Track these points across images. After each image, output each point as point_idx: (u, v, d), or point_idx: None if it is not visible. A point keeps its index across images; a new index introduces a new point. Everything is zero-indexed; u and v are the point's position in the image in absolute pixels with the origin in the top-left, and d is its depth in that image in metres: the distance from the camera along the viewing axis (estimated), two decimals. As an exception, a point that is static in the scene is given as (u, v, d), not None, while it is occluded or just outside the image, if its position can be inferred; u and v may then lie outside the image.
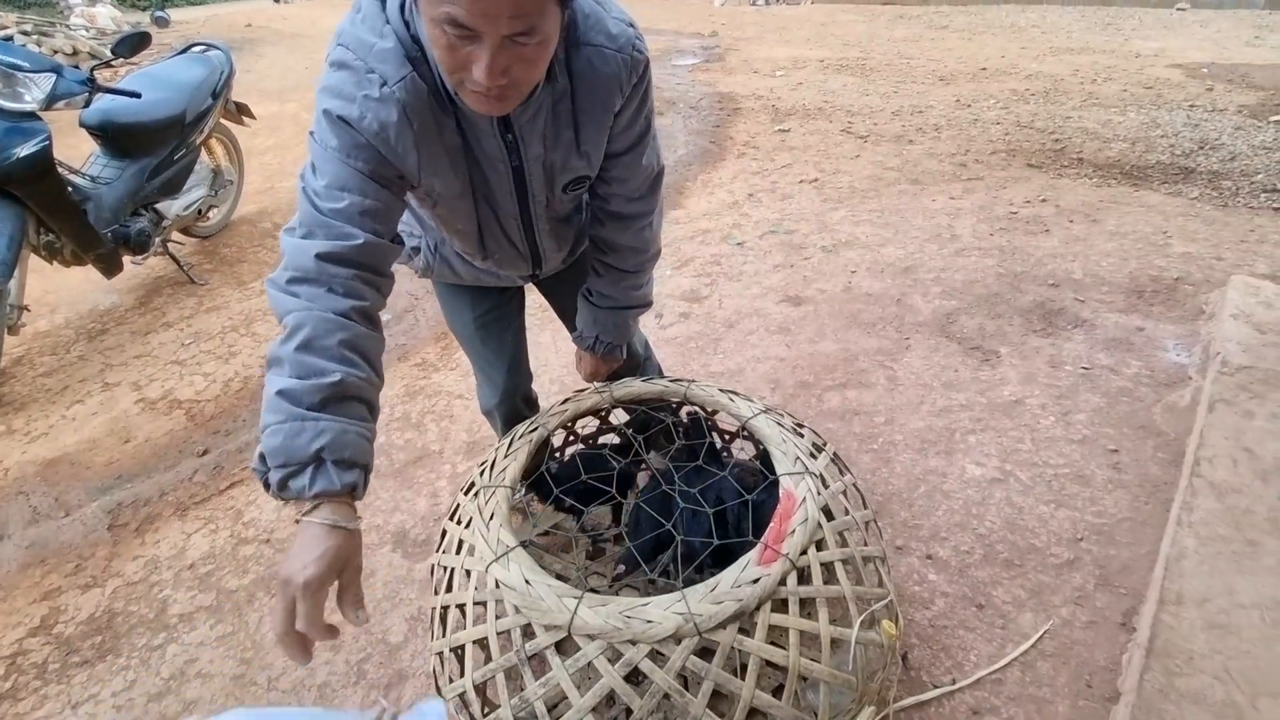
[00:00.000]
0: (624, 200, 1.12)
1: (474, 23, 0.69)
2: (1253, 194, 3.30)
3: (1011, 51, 6.84)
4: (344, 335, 0.82)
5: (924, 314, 2.49)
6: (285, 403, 0.78)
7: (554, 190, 1.05)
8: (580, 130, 0.96)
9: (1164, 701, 1.15)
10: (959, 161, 3.98)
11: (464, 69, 0.74)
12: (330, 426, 0.79)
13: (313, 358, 0.80)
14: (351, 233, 0.85)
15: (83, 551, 1.83)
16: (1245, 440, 1.65)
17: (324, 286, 0.83)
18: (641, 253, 1.21)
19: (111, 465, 2.14)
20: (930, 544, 1.59)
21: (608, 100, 0.94)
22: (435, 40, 0.74)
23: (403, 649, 1.48)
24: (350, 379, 0.82)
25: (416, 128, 0.85)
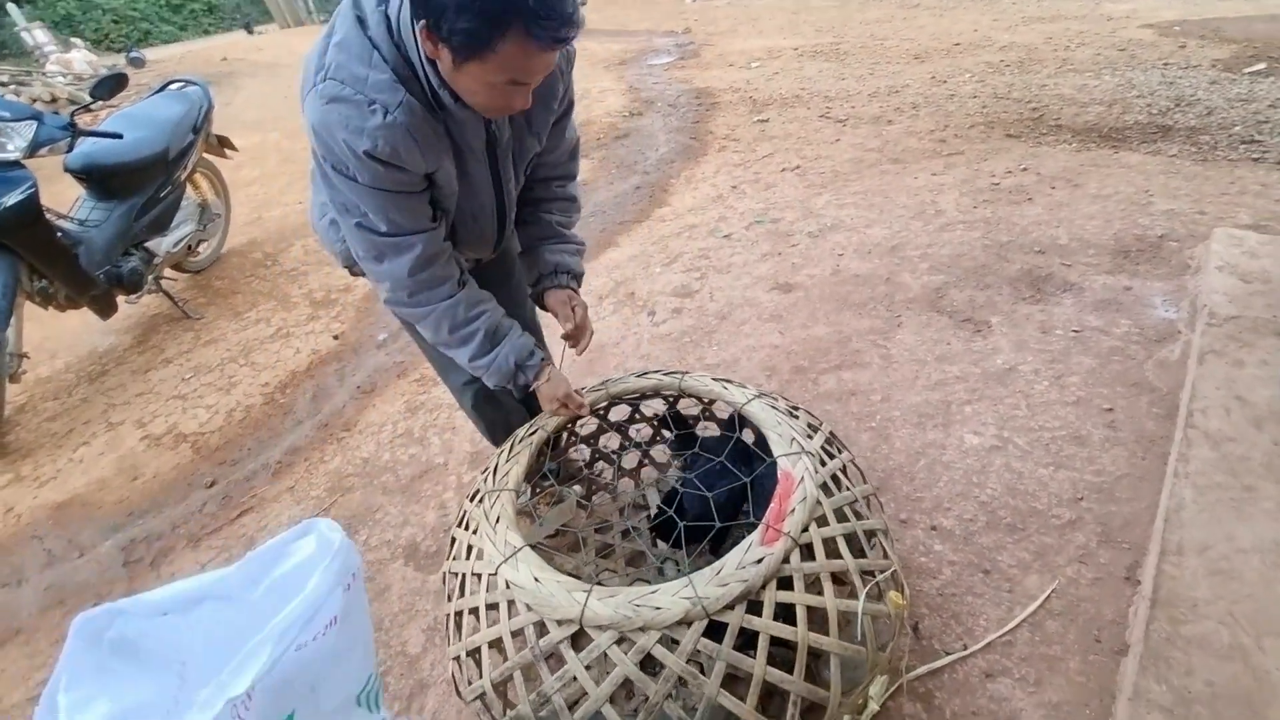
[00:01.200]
0: (551, 166, 1.33)
1: (531, 79, 0.91)
2: (1231, 146, 3.32)
3: (984, 24, 6.87)
4: (462, 307, 1.18)
5: (913, 291, 2.51)
6: (476, 361, 1.23)
7: (518, 173, 1.23)
8: (533, 117, 1.14)
9: (1171, 650, 1.17)
10: (938, 138, 4.00)
11: (505, 103, 0.95)
12: (506, 350, 1.23)
13: (461, 332, 1.20)
14: (412, 242, 1.10)
15: (100, 590, 1.85)
16: (1237, 389, 1.67)
17: (428, 288, 1.15)
18: (569, 202, 1.39)
19: (122, 503, 2.17)
20: (934, 515, 1.61)
21: (554, 90, 1.13)
22: (483, 92, 0.92)
23: (422, 659, 1.49)
24: (487, 323, 1.21)
25: (420, 140, 0.98)
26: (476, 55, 0.85)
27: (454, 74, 0.91)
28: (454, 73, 0.90)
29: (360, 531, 1.87)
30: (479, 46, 0.84)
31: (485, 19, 0.81)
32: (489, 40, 0.83)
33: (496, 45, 0.83)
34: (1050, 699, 1.22)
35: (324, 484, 2.08)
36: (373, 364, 2.67)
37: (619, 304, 2.79)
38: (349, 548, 1.03)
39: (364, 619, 1.12)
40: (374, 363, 2.69)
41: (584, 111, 5.73)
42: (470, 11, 0.81)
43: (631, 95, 6.08)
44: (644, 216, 3.64)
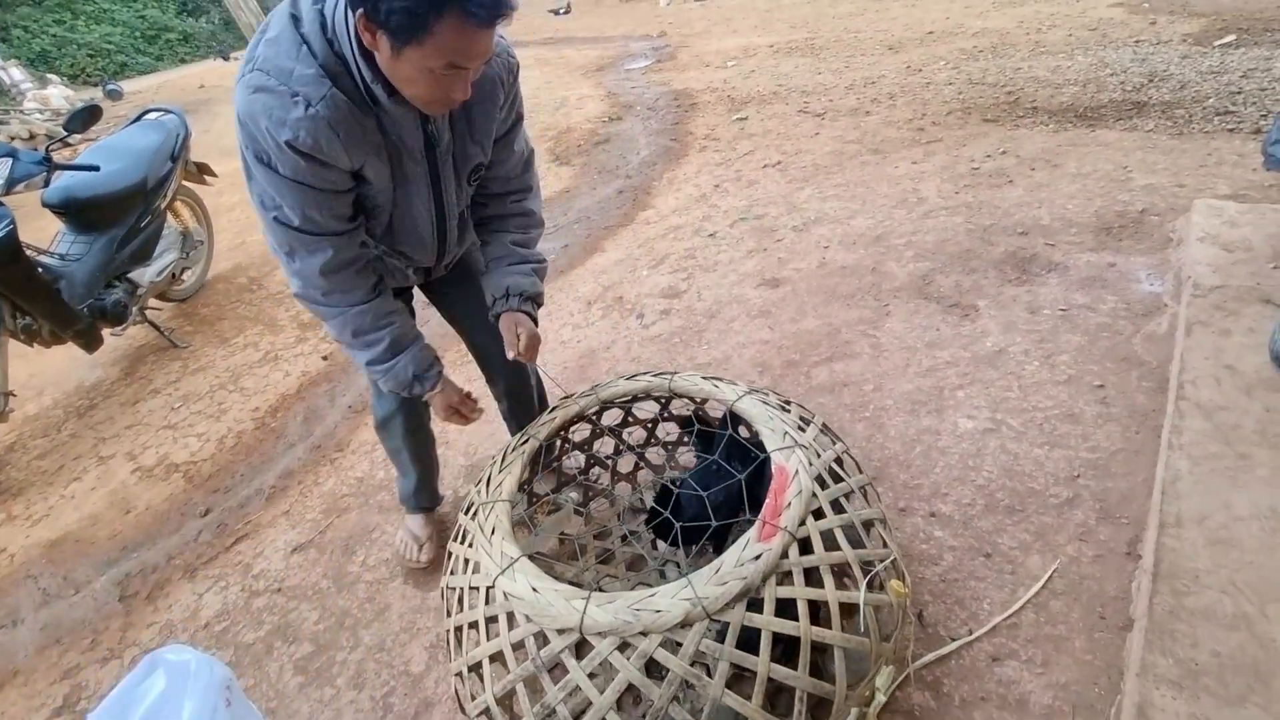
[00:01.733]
0: (503, 180, 1.32)
1: (469, 62, 0.91)
2: (1206, 119, 3.35)
3: (955, 12, 6.92)
4: (370, 316, 1.19)
5: (900, 279, 2.51)
6: (374, 366, 1.24)
7: (460, 179, 1.22)
8: (473, 122, 1.15)
9: (1175, 622, 1.17)
10: (917, 126, 4.01)
11: (445, 93, 0.94)
12: (405, 360, 1.25)
13: (365, 338, 1.21)
14: (327, 243, 1.10)
15: (97, 626, 1.82)
16: (1225, 358, 1.68)
17: (340, 290, 1.15)
18: (527, 217, 1.37)
19: (115, 537, 2.14)
20: (932, 501, 1.60)
21: (493, 97, 1.14)
22: (423, 81, 0.91)
23: (425, 677, 1.48)
24: (393, 333, 1.22)
25: (342, 135, 0.99)
26: (415, 38, 0.85)
27: (393, 63, 0.90)
28: (393, 62, 0.90)
29: (358, 553, 1.86)
30: (416, 28, 0.84)
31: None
32: (426, 21, 0.83)
33: (434, 26, 0.83)
34: (1058, 679, 1.21)
35: (319, 506, 2.06)
36: (363, 383, 2.65)
37: (607, 308, 2.78)
38: (209, 663, 1.03)
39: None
40: (364, 382, 2.66)
41: (563, 119, 5.74)
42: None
43: (610, 100, 6.09)
44: (628, 220, 3.64)
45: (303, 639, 1.64)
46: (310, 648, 1.62)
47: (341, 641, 1.61)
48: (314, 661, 1.58)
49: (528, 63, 8.60)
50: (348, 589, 1.75)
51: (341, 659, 1.57)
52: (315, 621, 1.68)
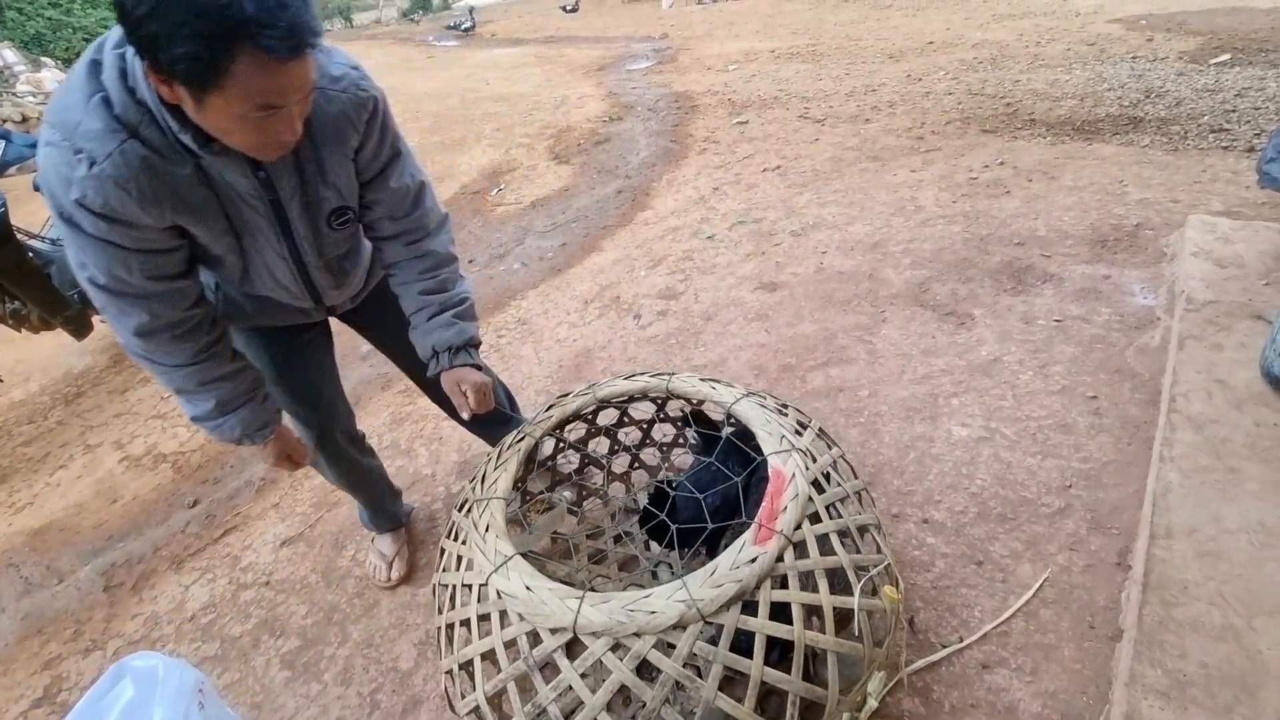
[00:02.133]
0: (389, 221, 1.20)
1: (282, 100, 0.82)
2: (1201, 136, 3.38)
3: (956, 23, 6.97)
4: (195, 380, 1.10)
5: (897, 286, 2.52)
6: (197, 421, 1.16)
7: (317, 225, 1.11)
8: (323, 164, 1.05)
9: (1164, 633, 1.17)
10: (916, 135, 4.03)
11: (270, 138, 0.87)
12: (233, 421, 1.16)
13: (188, 396, 1.13)
14: (139, 306, 1.00)
15: (80, 616, 1.80)
16: (1217, 372, 1.69)
17: (163, 351, 1.06)
18: (427, 259, 1.24)
19: (101, 527, 2.11)
20: (925, 508, 1.61)
21: (341, 136, 1.04)
22: (239, 128, 0.83)
23: (414, 674, 1.47)
24: (220, 395, 1.13)
25: (137, 193, 0.89)
26: (211, 84, 0.76)
27: (201, 115, 0.81)
28: (200, 113, 0.81)
29: (348, 547, 1.84)
30: (208, 72, 0.75)
31: (202, 39, 0.72)
32: (216, 64, 0.74)
33: (227, 67, 0.75)
34: (1047, 688, 1.22)
35: (309, 500, 2.04)
36: (356, 376, 2.64)
37: (604, 308, 2.78)
38: (178, 667, 1.02)
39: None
40: (358, 375, 2.65)
41: (563, 117, 5.74)
42: (182, 35, 0.72)
43: (611, 100, 6.09)
44: (626, 220, 3.64)
45: (290, 633, 1.63)
46: (298, 642, 1.60)
47: (329, 637, 1.60)
48: (301, 656, 1.57)
49: (528, 61, 8.61)
50: (337, 584, 1.74)
51: (329, 654, 1.56)
52: (303, 616, 1.67)
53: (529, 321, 2.81)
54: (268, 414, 1.22)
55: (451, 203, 4.30)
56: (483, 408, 1.30)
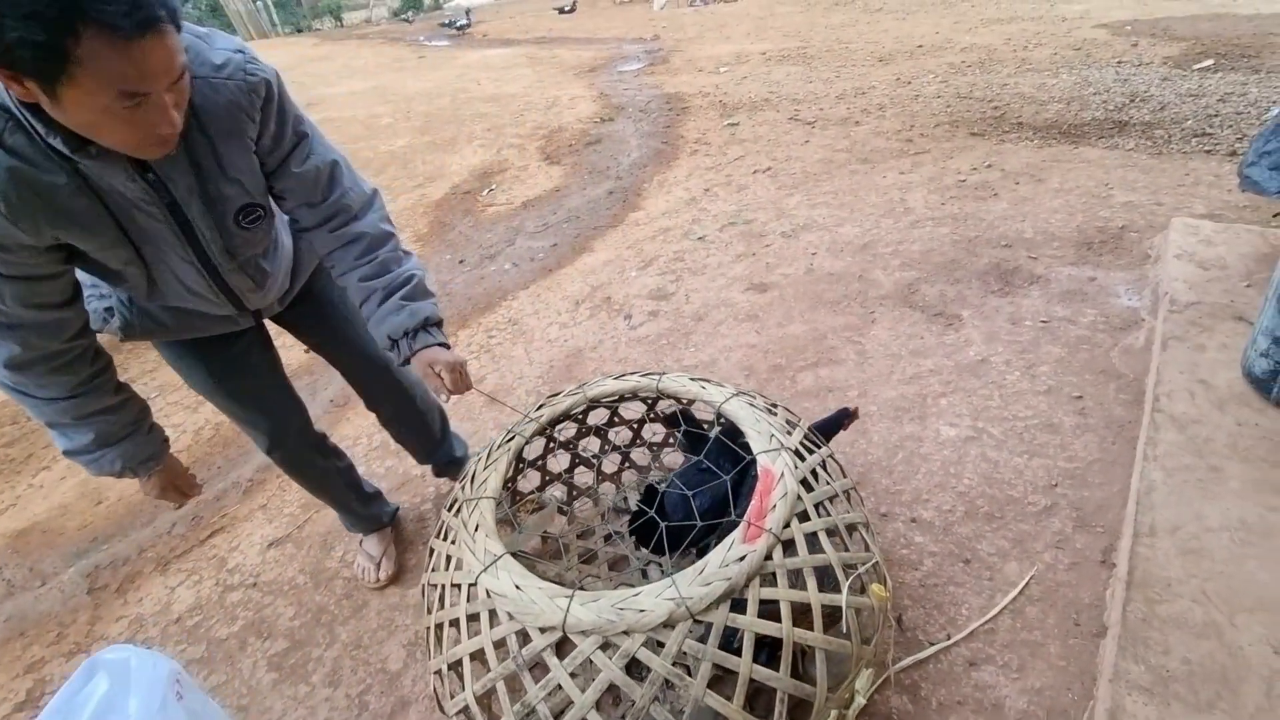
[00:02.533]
0: (307, 209, 1.13)
1: (146, 85, 0.75)
2: (1184, 140, 3.43)
3: (945, 27, 7.02)
4: (71, 414, 1.04)
5: (886, 287, 2.54)
6: (72, 457, 1.09)
7: (223, 225, 1.04)
8: (221, 158, 0.97)
9: (1148, 630, 1.19)
10: (905, 137, 4.06)
11: (145, 131, 0.79)
12: (113, 455, 1.10)
13: (61, 429, 1.06)
14: (10, 337, 0.93)
15: (63, 619, 1.77)
16: (1200, 373, 1.71)
17: (34, 384, 0.99)
18: (359, 242, 1.15)
19: (85, 528, 2.09)
20: (913, 507, 1.62)
21: (236, 127, 0.96)
22: (107, 123, 0.76)
23: (403, 675, 1.46)
24: (99, 429, 1.07)
25: (5, 209, 0.82)
26: (60, 73, 0.69)
27: (61, 111, 0.74)
28: (58, 110, 0.74)
29: (336, 548, 1.83)
30: (51, 58, 0.68)
31: (37, 22, 0.65)
32: (59, 48, 0.67)
33: (73, 52, 0.68)
34: (1033, 684, 1.23)
35: (297, 501, 2.03)
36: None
37: (595, 308, 2.78)
38: (150, 657, 1.02)
39: (215, 711, 1.12)
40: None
41: (555, 118, 5.73)
42: (13, 18, 0.65)
43: (602, 101, 6.09)
44: (618, 221, 3.64)
45: (277, 635, 1.62)
46: (285, 644, 1.59)
47: (317, 638, 1.59)
48: (289, 658, 1.55)
49: (519, 62, 8.60)
50: (325, 585, 1.73)
51: (317, 656, 1.55)
52: (291, 617, 1.66)
53: (520, 322, 2.80)
54: (154, 445, 1.15)
55: (442, 203, 4.29)
56: (459, 390, 1.21)
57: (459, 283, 3.26)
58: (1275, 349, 1.53)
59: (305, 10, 17.15)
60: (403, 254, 1.21)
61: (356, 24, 16.73)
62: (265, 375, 1.40)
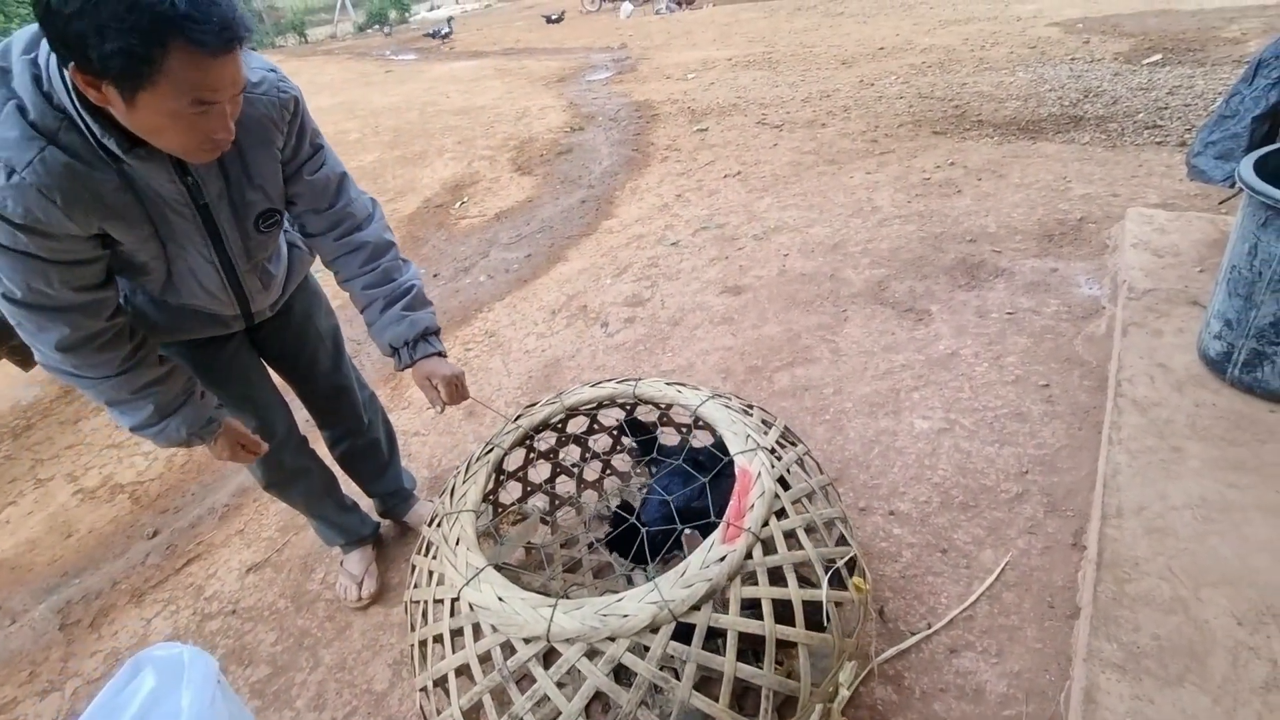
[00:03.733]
0: (314, 214, 1.22)
1: (215, 95, 0.83)
2: (1136, 132, 3.55)
3: (905, 29, 7.18)
4: (126, 388, 1.08)
5: (857, 285, 2.58)
6: (140, 430, 1.13)
7: (245, 227, 1.12)
8: (249, 166, 1.06)
9: (1118, 608, 1.22)
10: (870, 138, 4.14)
11: (204, 137, 0.87)
12: (176, 422, 1.14)
13: (123, 407, 1.10)
14: (61, 318, 0.98)
15: (35, 657, 1.72)
16: (1158, 357, 1.77)
17: (87, 364, 1.03)
18: (362, 251, 1.24)
19: (55, 563, 2.03)
20: (891, 500, 1.65)
21: (267, 138, 1.06)
22: (172, 126, 0.83)
23: (389, 695, 1.45)
24: (157, 400, 1.11)
25: (62, 202, 0.87)
26: (145, 81, 0.76)
27: (131, 115, 0.81)
28: (130, 113, 0.80)
29: (317, 570, 1.81)
30: (141, 69, 0.75)
31: (135, 35, 0.72)
32: (150, 57, 0.74)
33: (161, 62, 0.75)
34: (1012, 668, 1.26)
35: (275, 524, 2.00)
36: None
37: (572, 317, 2.78)
38: (201, 654, 1.03)
39: (246, 715, 1.16)
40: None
41: (525, 129, 5.74)
42: (113, 30, 0.71)
43: (572, 111, 6.12)
44: (591, 229, 3.66)
45: (259, 661, 1.59)
46: (268, 670, 1.56)
47: (301, 662, 1.56)
48: (272, 684, 1.53)
49: (487, 74, 8.59)
50: (307, 608, 1.70)
51: (301, 680, 1.52)
52: (273, 642, 1.63)
53: (496, 333, 2.80)
54: (210, 409, 1.20)
55: (414, 217, 4.27)
56: (455, 400, 1.29)
57: (434, 296, 3.24)
58: (1228, 331, 1.59)
59: (269, 27, 16.95)
60: (402, 262, 1.30)
61: (321, 39, 16.58)
62: (253, 378, 1.42)
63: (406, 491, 1.83)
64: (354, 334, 2.62)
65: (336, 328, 1.57)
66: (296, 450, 1.54)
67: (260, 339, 1.42)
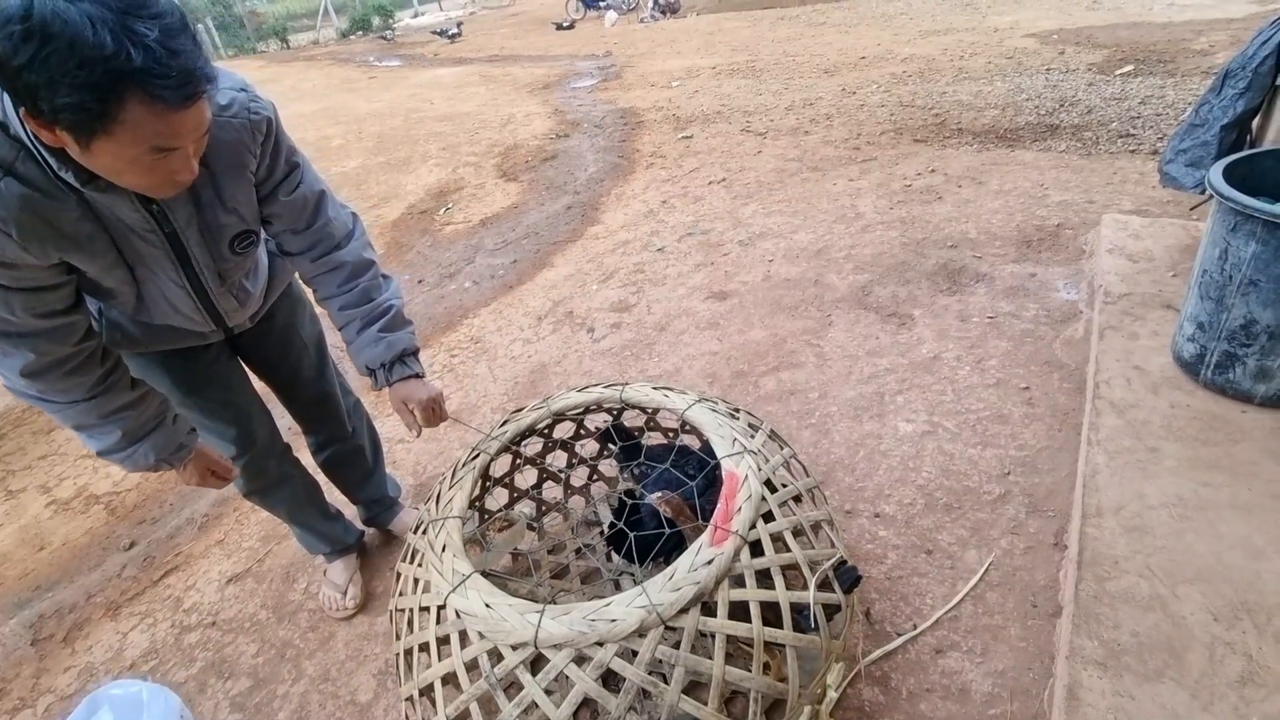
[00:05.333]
0: (291, 235, 1.19)
1: (177, 142, 0.80)
2: (1111, 141, 3.63)
3: (885, 39, 7.29)
4: (95, 414, 1.05)
5: (841, 290, 2.61)
6: (107, 456, 1.10)
7: (218, 251, 1.09)
8: (221, 191, 1.03)
9: (1099, 606, 1.24)
10: (853, 145, 4.20)
11: (165, 177, 0.84)
12: (145, 448, 1.11)
13: (90, 431, 1.07)
14: (22, 345, 0.94)
15: (6, 674, 1.68)
16: (1134, 359, 1.81)
17: (54, 390, 1.01)
18: (340, 270, 1.22)
19: (26, 577, 1.98)
20: (876, 503, 1.66)
21: (238, 162, 1.02)
22: (131, 170, 0.80)
23: (374, 706, 1.42)
24: (125, 425, 1.07)
25: (17, 234, 0.85)
26: (99, 131, 0.73)
27: (87, 158, 0.78)
28: (86, 157, 0.78)
29: (299, 580, 1.78)
30: (96, 121, 0.72)
31: (88, 90, 0.69)
32: (104, 110, 0.71)
33: (116, 114, 0.72)
34: (997, 667, 1.27)
35: (256, 534, 1.97)
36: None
37: (558, 323, 2.78)
38: (161, 691, 1.01)
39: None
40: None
41: (510, 135, 5.74)
42: (65, 85, 0.68)
43: (557, 118, 6.13)
44: (577, 235, 3.66)
45: (240, 674, 1.56)
46: (248, 683, 1.53)
47: (283, 674, 1.54)
48: (253, 697, 1.50)
49: (472, 80, 8.59)
50: (289, 619, 1.68)
51: (283, 692, 1.50)
52: (254, 654, 1.60)
53: (482, 339, 2.79)
54: (181, 435, 1.17)
55: (398, 223, 4.24)
56: (431, 424, 1.30)
57: (419, 303, 3.22)
58: (1200, 334, 1.63)
59: (250, 33, 16.78)
60: (382, 280, 1.27)
61: (304, 45, 16.46)
62: (234, 385, 1.40)
63: (391, 499, 1.81)
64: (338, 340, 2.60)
65: (320, 334, 1.54)
66: (280, 458, 1.52)
67: (242, 346, 1.40)
